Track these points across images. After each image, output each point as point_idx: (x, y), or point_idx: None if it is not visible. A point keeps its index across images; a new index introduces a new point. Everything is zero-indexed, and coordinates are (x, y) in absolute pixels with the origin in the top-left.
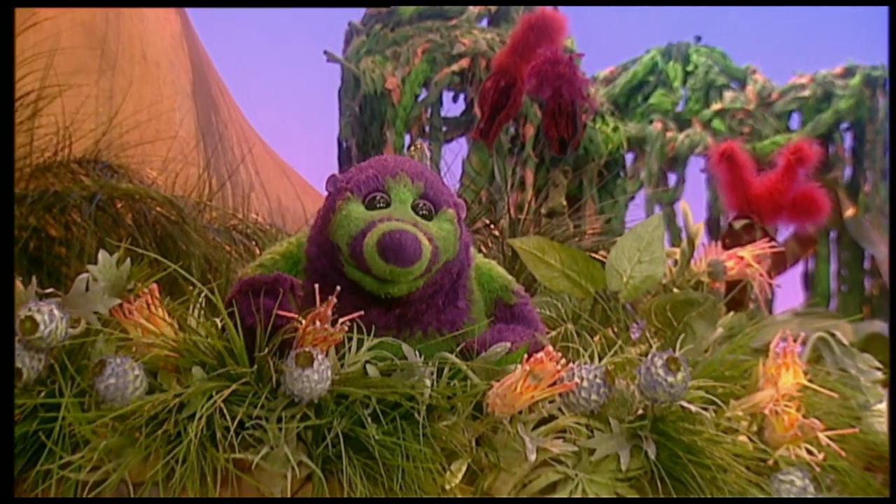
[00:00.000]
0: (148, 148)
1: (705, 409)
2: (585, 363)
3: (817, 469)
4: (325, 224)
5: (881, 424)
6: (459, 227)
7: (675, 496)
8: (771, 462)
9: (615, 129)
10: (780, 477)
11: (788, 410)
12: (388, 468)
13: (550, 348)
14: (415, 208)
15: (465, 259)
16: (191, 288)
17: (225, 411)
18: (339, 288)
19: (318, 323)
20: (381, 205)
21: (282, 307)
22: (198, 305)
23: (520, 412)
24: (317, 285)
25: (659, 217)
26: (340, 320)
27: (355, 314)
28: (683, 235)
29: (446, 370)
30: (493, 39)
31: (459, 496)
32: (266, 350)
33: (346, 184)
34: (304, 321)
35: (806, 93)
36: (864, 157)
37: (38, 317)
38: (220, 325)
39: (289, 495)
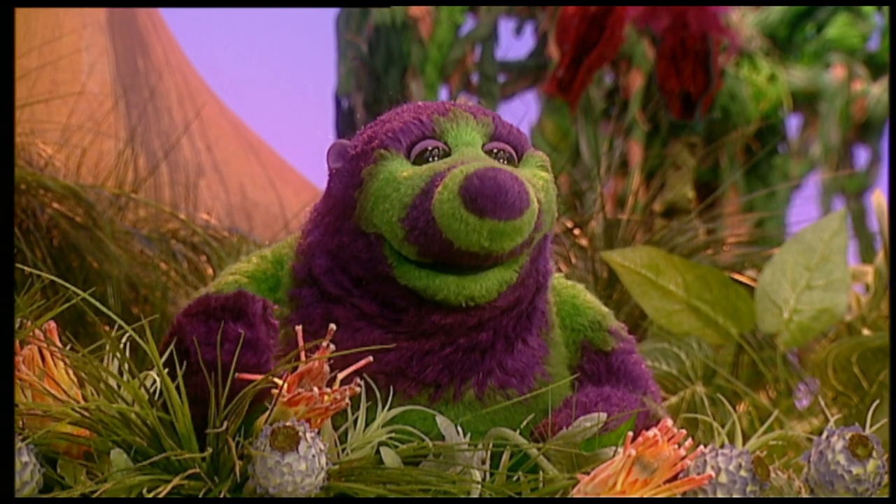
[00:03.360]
0: (39, 109)
1: None
2: (724, 446)
3: None
4: (344, 212)
5: None
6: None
7: None
8: None
9: (771, 78)
10: None
11: None
12: None
13: (669, 422)
14: (488, 155)
15: (549, 259)
16: (107, 328)
17: None
18: (332, 327)
19: (309, 384)
20: (437, 157)
21: (256, 345)
22: (118, 355)
23: None
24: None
25: (841, 216)
26: (342, 374)
27: (363, 358)
28: (878, 245)
29: (505, 456)
30: None
31: None
32: (225, 424)
33: (368, 144)
34: (282, 380)
35: None
36: None
37: None
38: (153, 384)
39: None
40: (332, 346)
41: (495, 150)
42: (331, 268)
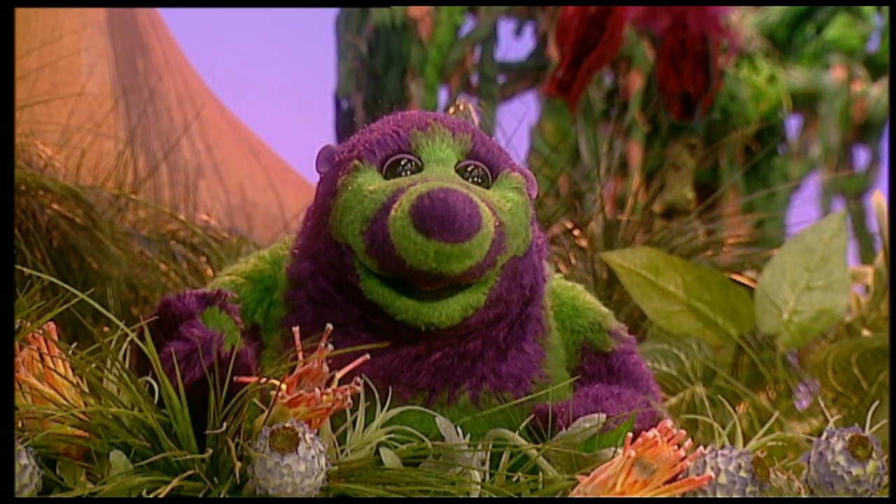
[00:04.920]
0: (39, 110)
1: None
2: (723, 447)
3: None
4: (322, 219)
5: None
6: (531, 204)
7: None
8: None
9: (771, 79)
10: None
11: None
12: None
13: (668, 423)
14: (461, 172)
15: (540, 270)
16: (106, 329)
17: None
18: (329, 326)
19: (308, 385)
20: (409, 171)
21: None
22: (118, 357)
23: None
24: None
25: (840, 217)
26: (340, 374)
27: (358, 359)
28: (878, 246)
29: (505, 456)
30: None
31: None
32: (224, 425)
33: (349, 152)
34: (280, 381)
35: None
36: None
37: None
38: (151, 386)
39: None
40: (331, 347)
41: (469, 168)
42: (314, 272)
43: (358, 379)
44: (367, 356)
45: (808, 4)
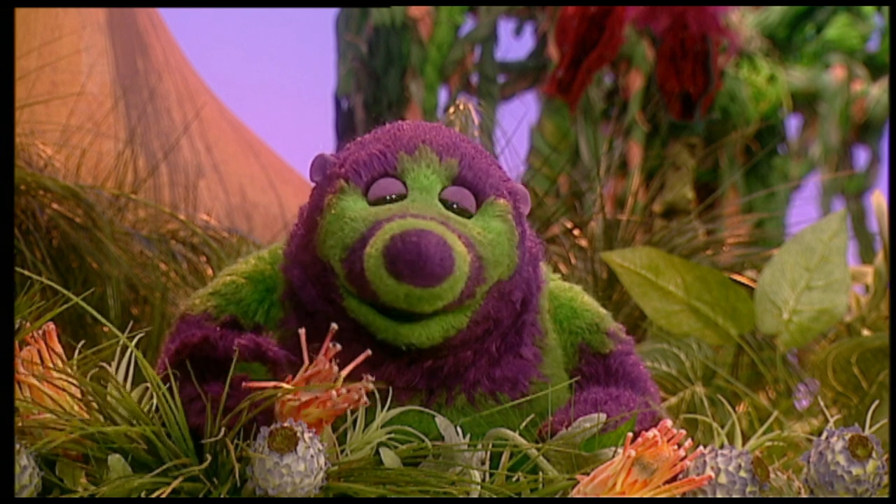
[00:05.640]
0: (38, 110)
1: None
2: (723, 447)
3: None
4: (309, 233)
5: None
6: (519, 227)
7: None
8: None
9: (771, 78)
10: None
11: None
12: None
13: (668, 423)
14: (445, 201)
15: (534, 280)
16: (106, 330)
17: None
18: (334, 326)
19: (318, 386)
20: (393, 197)
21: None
22: (118, 367)
23: None
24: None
25: (840, 217)
26: (344, 372)
27: (358, 360)
28: (878, 246)
29: (505, 456)
30: None
31: None
32: (222, 429)
33: (339, 167)
34: (286, 384)
35: None
36: None
37: None
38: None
39: None
40: (338, 346)
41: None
42: (304, 282)
43: (369, 377)
44: (369, 352)
45: (808, 4)
